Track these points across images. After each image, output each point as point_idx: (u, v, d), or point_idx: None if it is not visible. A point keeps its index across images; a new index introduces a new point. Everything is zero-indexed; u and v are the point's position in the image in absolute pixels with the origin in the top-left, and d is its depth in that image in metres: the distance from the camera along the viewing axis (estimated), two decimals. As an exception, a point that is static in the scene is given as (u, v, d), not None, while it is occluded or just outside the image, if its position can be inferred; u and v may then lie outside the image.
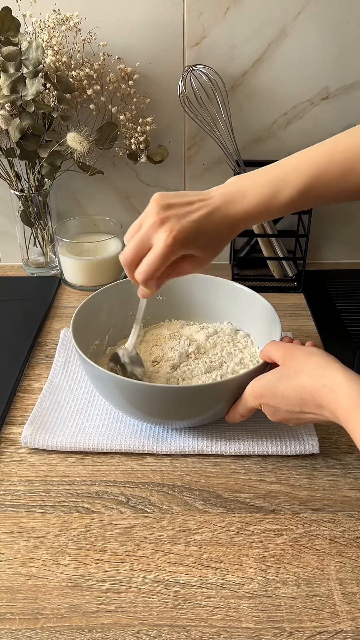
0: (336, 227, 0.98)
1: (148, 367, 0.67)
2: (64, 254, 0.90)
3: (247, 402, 0.56)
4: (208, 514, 0.54)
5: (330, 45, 0.83)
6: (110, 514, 0.54)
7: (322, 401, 0.47)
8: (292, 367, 0.51)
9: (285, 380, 0.51)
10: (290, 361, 0.52)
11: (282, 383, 0.51)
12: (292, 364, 0.52)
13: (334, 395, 0.46)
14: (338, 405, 0.46)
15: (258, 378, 0.55)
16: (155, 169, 0.92)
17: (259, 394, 0.54)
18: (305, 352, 0.52)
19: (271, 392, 0.52)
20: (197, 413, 0.58)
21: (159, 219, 0.51)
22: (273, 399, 0.52)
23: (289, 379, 0.51)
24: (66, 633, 0.43)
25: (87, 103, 0.84)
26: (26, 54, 0.76)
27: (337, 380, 0.47)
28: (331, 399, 0.46)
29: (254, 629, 0.44)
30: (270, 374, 0.54)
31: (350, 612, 0.45)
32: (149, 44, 0.84)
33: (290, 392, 0.50)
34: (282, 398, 0.51)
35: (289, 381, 0.51)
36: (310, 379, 0.49)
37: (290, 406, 0.51)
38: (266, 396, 0.53)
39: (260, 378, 0.55)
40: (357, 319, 0.85)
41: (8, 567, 0.49)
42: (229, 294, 0.73)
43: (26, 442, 0.60)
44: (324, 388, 0.47)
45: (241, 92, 0.87)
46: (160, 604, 0.46)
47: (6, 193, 0.92)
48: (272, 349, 0.56)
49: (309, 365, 0.50)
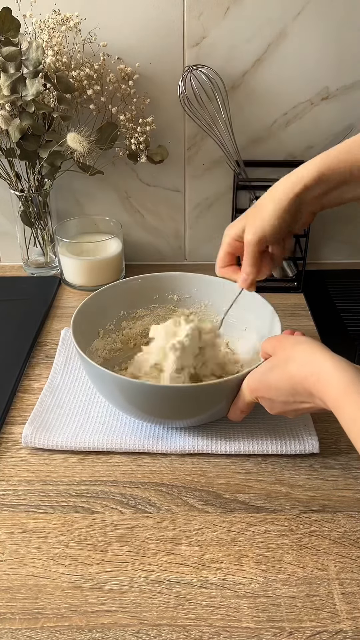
0: (336, 227, 0.98)
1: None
2: (64, 254, 0.90)
3: (245, 396, 0.56)
4: (208, 513, 0.54)
5: (330, 45, 0.83)
6: (110, 514, 0.54)
7: (311, 389, 0.47)
8: (281, 358, 0.51)
9: (276, 370, 0.51)
10: (280, 352, 0.52)
11: (273, 374, 0.51)
12: (282, 355, 0.51)
13: (321, 383, 0.46)
14: (326, 392, 0.45)
15: (252, 372, 0.55)
16: (155, 169, 0.92)
17: (254, 387, 0.54)
18: (293, 342, 0.52)
19: (264, 384, 0.52)
20: (197, 412, 0.58)
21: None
22: (267, 391, 0.52)
23: (279, 369, 0.51)
24: (66, 633, 0.44)
25: (87, 103, 0.84)
26: (26, 54, 0.76)
27: (324, 368, 0.46)
28: (319, 387, 0.46)
29: (253, 629, 0.44)
30: (263, 366, 0.54)
31: (350, 611, 0.45)
32: (149, 44, 0.84)
33: (281, 382, 0.50)
34: (275, 389, 0.51)
35: (280, 371, 0.50)
36: (298, 367, 0.49)
37: (284, 397, 0.51)
38: (261, 389, 0.53)
39: (254, 371, 0.55)
40: (357, 319, 0.85)
41: (8, 567, 0.49)
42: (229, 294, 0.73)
43: (26, 441, 0.60)
44: (311, 376, 0.47)
45: (241, 92, 0.87)
46: (160, 604, 0.46)
47: (6, 193, 0.92)
48: (265, 343, 0.56)
49: (297, 354, 0.50)
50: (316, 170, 0.53)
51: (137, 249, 1.01)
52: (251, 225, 0.57)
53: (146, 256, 1.02)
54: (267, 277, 0.62)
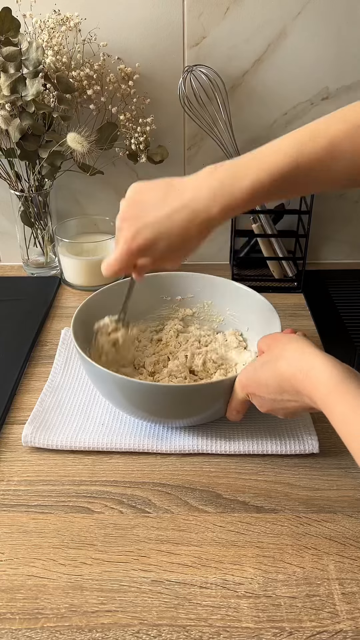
0: (336, 227, 0.98)
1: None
2: (64, 254, 0.90)
3: (237, 394, 0.56)
4: (208, 513, 0.54)
5: (330, 45, 0.83)
6: (110, 514, 0.54)
7: (298, 387, 0.47)
8: (273, 355, 0.51)
9: (266, 367, 0.51)
10: (272, 349, 0.52)
11: (263, 370, 0.51)
12: (274, 352, 0.51)
13: (309, 381, 0.46)
14: (315, 390, 0.45)
15: (245, 368, 0.55)
16: (155, 169, 0.92)
17: (245, 384, 0.54)
18: (285, 340, 0.52)
19: (255, 381, 0.53)
20: (196, 412, 0.58)
21: (123, 217, 0.52)
22: (258, 388, 0.52)
23: (270, 365, 0.51)
24: (66, 633, 0.44)
25: (87, 103, 0.84)
26: (26, 54, 0.76)
27: (313, 365, 0.46)
28: (307, 384, 0.46)
29: (253, 629, 0.44)
30: (255, 363, 0.54)
31: (350, 611, 0.45)
32: (149, 44, 0.84)
33: (271, 379, 0.50)
34: (265, 386, 0.51)
35: (270, 368, 0.50)
36: (287, 364, 0.49)
37: (272, 394, 0.51)
38: (251, 385, 0.53)
39: (246, 368, 0.55)
40: (357, 319, 0.85)
41: (8, 567, 0.49)
42: (229, 294, 0.73)
43: (26, 441, 0.60)
44: (299, 373, 0.47)
45: (241, 92, 0.87)
46: (160, 604, 0.46)
47: (6, 193, 0.92)
48: (260, 340, 0.56)
49: (287, 351, 0.50)
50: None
51: (137, 249, 1.01)
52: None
53: (146, 256, 1.02)
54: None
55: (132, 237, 0.51)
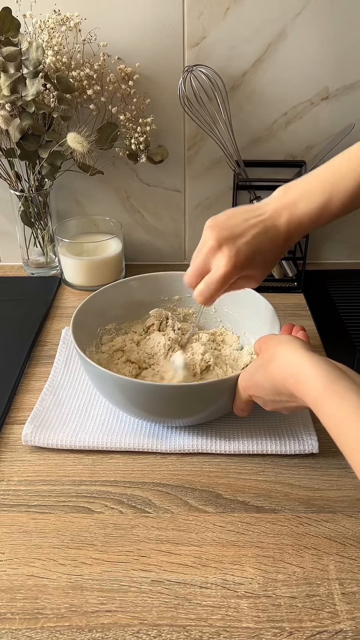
0: (336, 227, 0.98)
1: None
2: (64, 254, 0.90)
3: (240, 394, 0.56)
4: (208, 513, 0.54)
5: (330, 45, 0.83)
6: (110, 514, 0.54)
7: (291, 390, 0.47)
8: (265, 358, 0.51)
9: (261, 370, 0.51)
10: (264, 352, 0.53)
11: (259, 374, 0.52)
12: (266, 355, 0.52)
13: (301, 384, 0.46)
14: (305, 393, 0.45)
15: (244, 371, 0.55)
16: (155, 169, 0.92)
17: (245, 386, 0.55)
18: (275, 341, 0.52)
19: (253, 383, 0.53)
20: (196, 411, 0.58)
21: (217, 242, 0.53)
22: (256, 390, 0.53)
23: (264, 369, 0.51)
24: (66, 633, 0.44)
25: (87, 103, 0.84)
26: (26, 54, 0.76)
27: (302, 369, 0.46)
28: (298, 388, 0.46)
29: (253, 629, 0.44)
30: (252, 366, 0.54)
31: (350, 611, 0.45)
32: (149, 44, 0.84)
33: (266, 382, 0.50)
34: (262, 389, 0.51)
35: (264, 371, 0.51)
36: (279, 368, 0.49)
37: (271, 396, 0.51)
38: (250, 387, 0.54)
39: (245, 370, 0.55)
40: (357, 319, 0.85)
41: (8, 567, 0.49)
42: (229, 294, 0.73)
43: (26, 440, 0.60)
44: (290, 377, 0.47)
45: (241, 92, 0.87)
46: (160, 604, 0.46)
47: (6, 193, 0.92)
48: (255, 343, 0.57)
49: (278, 354, 0.50)
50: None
51: (137, 249, 1.01)
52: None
53: (146, 256, 1.02)
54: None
55: (236, 254, 0.53)
